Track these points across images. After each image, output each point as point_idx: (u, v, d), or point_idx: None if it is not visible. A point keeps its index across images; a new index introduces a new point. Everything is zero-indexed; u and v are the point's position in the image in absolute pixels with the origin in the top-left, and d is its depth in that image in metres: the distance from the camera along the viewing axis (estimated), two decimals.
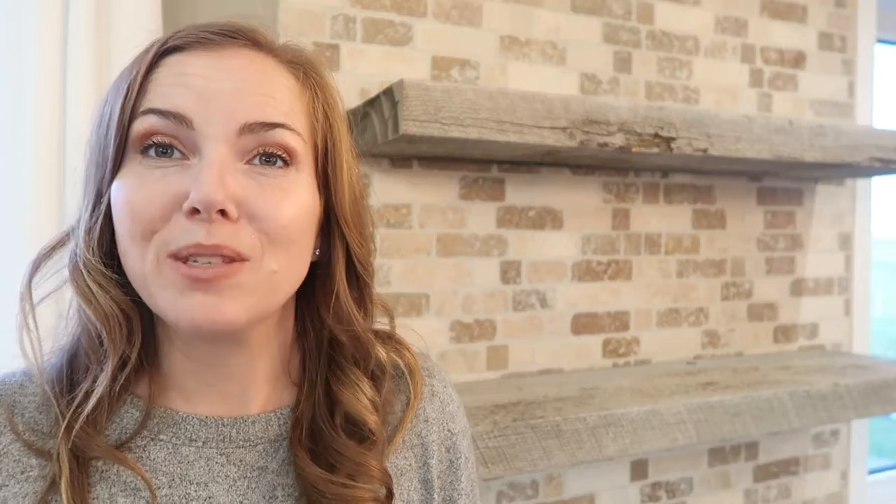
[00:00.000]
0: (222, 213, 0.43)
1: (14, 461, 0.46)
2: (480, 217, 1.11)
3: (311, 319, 0.54)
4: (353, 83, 1.02)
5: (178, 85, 0.45)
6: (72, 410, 0.46)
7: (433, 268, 1.08)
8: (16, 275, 0.80)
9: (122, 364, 0.46)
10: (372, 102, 0.92)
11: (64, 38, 0.82)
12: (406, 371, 0.59)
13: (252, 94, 0.45)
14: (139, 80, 0.45)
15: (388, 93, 0.86)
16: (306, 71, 0.50)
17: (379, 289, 1.03)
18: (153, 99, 0.45)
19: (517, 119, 0.90)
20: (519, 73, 1.14)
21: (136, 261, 0.44)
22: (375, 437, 0.52)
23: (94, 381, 0.46)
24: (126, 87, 0.45)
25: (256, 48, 0.48)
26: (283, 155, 0.47)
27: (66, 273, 0.48)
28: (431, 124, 0.85)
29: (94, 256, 0.46)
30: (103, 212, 0.46)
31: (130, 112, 0.45)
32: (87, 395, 0.46)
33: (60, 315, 0.50)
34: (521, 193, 1.14)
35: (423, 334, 1.06)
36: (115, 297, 0.46)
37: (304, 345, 0.55)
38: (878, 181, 1.52)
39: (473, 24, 1.10)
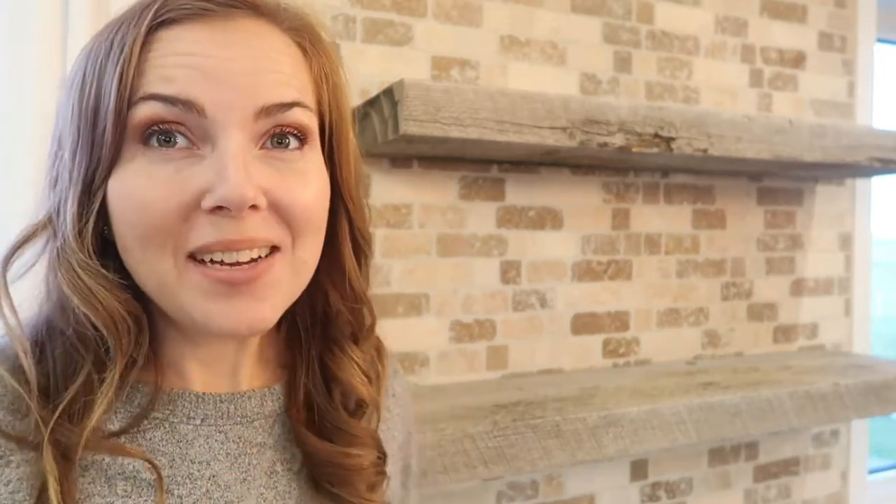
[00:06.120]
0: (252, 207, 0.40)
1: None
2: (480, 217, 1.11)
3: (308, 292, 0.49)
4: (353, 83, 1.01)
5: (183, 66, 0.40)
6: (57, 413, 0.41)
7: (433, 268, 1.08)
8: None
9: (127, 364, 0.43)
10: (372, 102, 0.92)
11: (64, 36, 0.82)
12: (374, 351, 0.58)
13: (265, 73, 0.41)
14: (135, 58, 0.40)
15: (388, 93, 0.86)
16: (311, 39, 0.46)
17: (379, 289, 1.03)
18: (154, 82, 0.40)
19: (517, 119, 0.90)
20: (519, 73, 1.14)
21: (151, 265, 0.41)
22: (367, 407, 0.53)
23: (89, 385, 0.42)
24: (118, 67, 0.40)
25: (259, 16, 0.43)
26: (298, 134, 0.43)
27: (28, 262, 0.43)
28: (431, 124, 0.85)
29: (90, 258, 0.41)
30: (96, 209, 0.41)
31: (129, 96, 0.39)
32: (75, 398, 0.41)
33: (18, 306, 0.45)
34: (521, 193, 1.14)
35: (423, 334, 1.07)
36: (120, 298, 0.42)
37: (296, 320, 0.52)
38: (878, 181, 1.52)
39: (473, 24, 1.10)
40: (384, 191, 1.04)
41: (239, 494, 0.47)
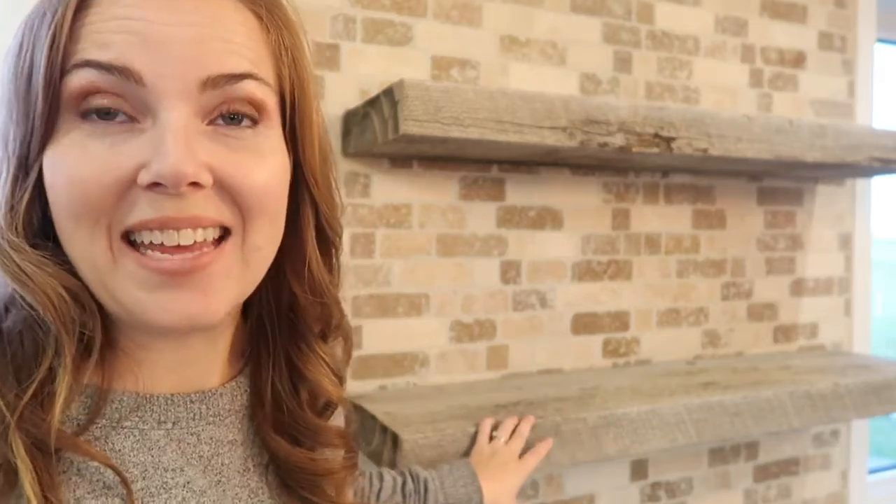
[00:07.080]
0: (194, 184, 0.37)
1: None
2: (480, 217, 1.11)
3: (272, 285, 0.47)
4: (353, 83, 1.02)
5: (121, 31, 0.36)
6: (27, 397, 0.37)
7: (433, 268, 1.08)
8: None
9: (86, 348, 0.40)
10: (372, 102, 0.92)
11: None
12: None
13: (212, 41, 0.38)
14: (67, 22, 0.37)
15: (388, 93, 0.86)
16: (269, 7, 0.43)
17: (379, 289, 1.04)
18: (89, 48, 0.37)
19: (517, 119, 0.90)
20: (519, 73, 1.14)
21: (84, 245, 0.38)
22: (335, 408, 0.51)
23: (52, 373, 0.38)
24: (51, 30, 0.37)
25: None
26: (251, 112, 0.40)
27: None
28: (431, 124, 0.85)
29: (20, 238, 0.38)
30: (31, 185, 0.38)
31: (61, 63, 0.37)
32: (42, 385, 0.38)
33: None
34: (521, 193, 1.14)
35: (423, 334, 1.07)
36: (56, 274, 0.38)
37: (259, 312, 0.49)
38: (878, 181, 1.52)
39: (473, 24, 1.10)
40: (384, 191, 1.04)
41: (214, 499, 0.45)
